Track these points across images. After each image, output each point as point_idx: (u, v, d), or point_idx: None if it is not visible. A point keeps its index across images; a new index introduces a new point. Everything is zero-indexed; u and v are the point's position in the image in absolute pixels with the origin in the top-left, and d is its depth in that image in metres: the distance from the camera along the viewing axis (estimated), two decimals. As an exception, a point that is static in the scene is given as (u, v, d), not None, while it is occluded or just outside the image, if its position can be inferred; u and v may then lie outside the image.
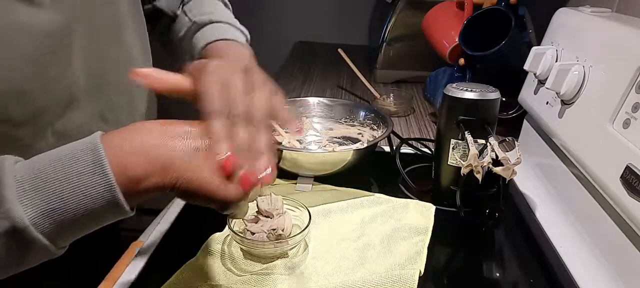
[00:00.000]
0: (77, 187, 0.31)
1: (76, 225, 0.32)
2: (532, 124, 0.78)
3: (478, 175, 0.56)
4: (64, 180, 0.31)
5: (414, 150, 0.81)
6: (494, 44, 0.81)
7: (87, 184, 0.31)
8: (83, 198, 0.31)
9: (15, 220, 0.30)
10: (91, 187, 0.31)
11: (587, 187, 0.57)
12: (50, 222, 0.31)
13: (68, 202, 0.31)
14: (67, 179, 0.31)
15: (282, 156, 0.67)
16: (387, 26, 1.22)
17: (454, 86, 0.62)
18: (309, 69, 1.41)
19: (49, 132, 0.46)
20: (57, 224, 0.31)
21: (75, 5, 0.45)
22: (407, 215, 0.61)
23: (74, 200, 0.31)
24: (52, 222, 0.31)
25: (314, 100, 0.86)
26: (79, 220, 0.32)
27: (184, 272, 0.50)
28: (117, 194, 0.32)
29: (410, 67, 1.26)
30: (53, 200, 0.31)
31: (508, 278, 0.55)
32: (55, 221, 0.31)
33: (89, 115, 0.50)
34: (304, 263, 0.53)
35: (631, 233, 0.48)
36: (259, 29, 1.76)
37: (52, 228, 0.31)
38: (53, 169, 0.31)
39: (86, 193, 0.31)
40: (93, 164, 0.31)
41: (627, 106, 0.49)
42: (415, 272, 0.49)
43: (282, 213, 0.57)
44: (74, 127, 0.48)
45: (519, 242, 0.62)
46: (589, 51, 0.59)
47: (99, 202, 0.32)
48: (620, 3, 0.71)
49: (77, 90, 0.48)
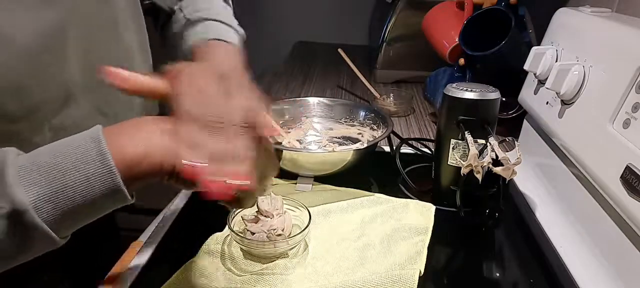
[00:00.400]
0: (78, 171, 0.32)
1: (77, 212, 0.32)
2: (532, 124, 0.78)
3: (478, 175, 0.56)
4: (64, 166, 0.31)
5: (414, 150, 0.81)
6: (494, 44, 0.81)
7: (88, 170, 0.32)
8: (84, 183, 0.32)
9: (16, 203, 0.30)
10: (92, 172, 0.32)
11: (587, 187, 0.57)
12: (51, 207, 0.31)
13: (69, 187, 0.31)
14: (68, 166, 0.32)
15: (282, 156, 0.67)
16: (387, 26, 1.22)
17: (454, 86, 0.62)
18: (309, 69, 1.41)
19: (46, 127, 0.46)
20: (58, 210, 0.31)
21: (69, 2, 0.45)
22: (407, 215, 0.61)
23: (75, 185, 0.31)
24: (53, 207, 0.31)
25: (314, 100, 0.86)
26: (80, 206, 0.32)
27: (184, 272, 0.50)
28: (117, 179, 0.32)
29: (410, 67, 1.26)
30: (54, 185, 0.31)
31: (508, 278, 0.55)
32: (56, 207, 0.31)
33: (87, 111, 0.50)
34: (304, 263, 0.53)
35: (631, 233, 0.48)
36: (259, 29, 1.77)
37: (53, 214, 0.31)
38: (54, 157, 0.32)
39: (87, 178, 0.32)
40: (94, 150, 0.32)
41: (627, 106, 0.49)
42: (415, 272, 0.49)
43: (282, 213, 0.57)
44: (72, 122, 0.48)
45: (519, 242, 0.62)
46: (589, 51, 0.59)
47: (99, 187, 0.32)
48: (620, 3, 0.71)
49: (73, 86, 0.48)
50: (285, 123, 0.82)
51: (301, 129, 0.83)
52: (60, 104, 0.47)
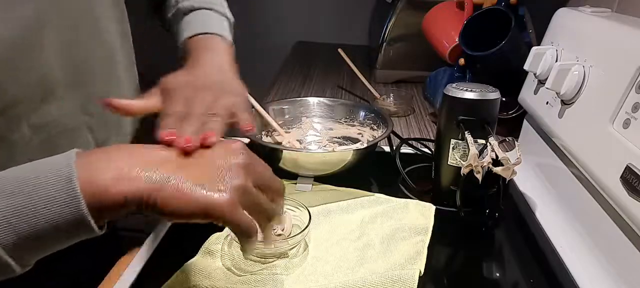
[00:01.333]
0: (39, 195, 0.30)
1: (38, 238, 0.30)
2: (532, 124, 0.78)
3: (478, 175, 0.56)
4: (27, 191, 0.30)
5: (414, 150, 0.81)
6: (494, 44, 0.81)
7: (50, 192, 0.30)
8: (45, 207, 0.30)
9: None
10: (54, 194, 0.30)
11: (587, 187, 0.57)
12: (9, 231, 0.29)
13: (29, 210, 0.29)
14: (30, 190, 0.30)
15: (282, 156, 0.67)
16: (387, 26, 1.22)
17: (454, 86, 0.62)
18: (309, 69, 1.41)
19: (24, 124, 0.45)
20: (16, 234, 0.29)
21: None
22: (407, 215, 0.61)
23: (35, 209, 0.29)
24: (11, 230, 0.29)
25: (314, 100, 0.86)
26: (40, 231, 0.30)
27: (184, 272, 0.50)
28: (81, 204, 0.30)
29: (410, 67, 1.26)
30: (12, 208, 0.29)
31: (508, 278, 0.55)
32: (14, 229, 0.29)
33: (69, 109, 0.49)
34: (304, 263, 0.53)
35: (631, 233, 0.48)
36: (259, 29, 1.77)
37: (11, 239, 0.29)
38: (16, 180, 0.30)
39: (49, 201, 0.30)
40: (59, 174, 0.30)
41: (627, 106, 0.49)
42: (415, 272, 0.49)
43: (282, 213, 0.57)
44: (52, 119, 0.47)
45: (519, 242, 0.62)
46: (589, 51, 0.59)
47: (61, 211, 0.30)
48: (620, 3, 0.71)
49: (53, 82, 0.47)
50: (285, 123, 0.82)
51: (301, 129, 0.83)
52: (38, 100, 0.46)
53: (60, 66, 0.47)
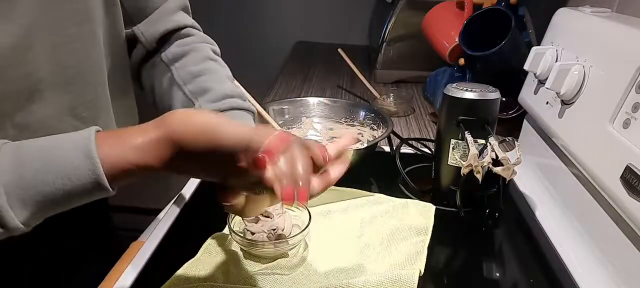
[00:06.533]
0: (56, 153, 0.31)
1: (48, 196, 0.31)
2: (532, 124, 0.78)
3: (478, 175, 0.56)
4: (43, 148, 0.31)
5: (414, 150, 0.81)
6: (494, 44, 0.81)
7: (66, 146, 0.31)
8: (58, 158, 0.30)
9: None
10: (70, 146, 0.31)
11: (587, 187, 0.57)
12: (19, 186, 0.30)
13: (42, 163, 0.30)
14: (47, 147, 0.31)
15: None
16: (387, 26, 1.22)
17: (454, 86, 0.62)
18: (309, 69, 1.41)
19: (8, 124, 0.44)
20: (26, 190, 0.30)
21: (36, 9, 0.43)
22: (407, 215, 0.61)
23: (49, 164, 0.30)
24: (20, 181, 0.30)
25: (314, 100, 0.86)
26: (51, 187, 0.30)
27: (184, 272, 0.50)
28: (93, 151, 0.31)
29: (410, 67, 1.26)
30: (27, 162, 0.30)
31: (508, 278, 0.55)
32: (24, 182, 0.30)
33: (56, 110, 0.48)
34: (304, 263, 0.53)
35: (631, 233, 0.48)
36: (259, 29, 1.77)
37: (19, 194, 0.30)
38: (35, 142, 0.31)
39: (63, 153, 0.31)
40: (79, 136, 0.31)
41: (627, 106, 0.49)
42: (415, 272, 0.49)
43: (282, 213, 0.57)
44: (36, 120, 0.46)
45: (519, 242, 0.62)
46: (589, 51, 0.59)
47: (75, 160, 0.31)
48: (620, 3, 0.71)
49: (40, 81, 0.45)
50: (285, 123, 0.82)
51: (301, 129, 0.83)
52: (24, 100, 0.44)
53: (48, 66, 0.46)
